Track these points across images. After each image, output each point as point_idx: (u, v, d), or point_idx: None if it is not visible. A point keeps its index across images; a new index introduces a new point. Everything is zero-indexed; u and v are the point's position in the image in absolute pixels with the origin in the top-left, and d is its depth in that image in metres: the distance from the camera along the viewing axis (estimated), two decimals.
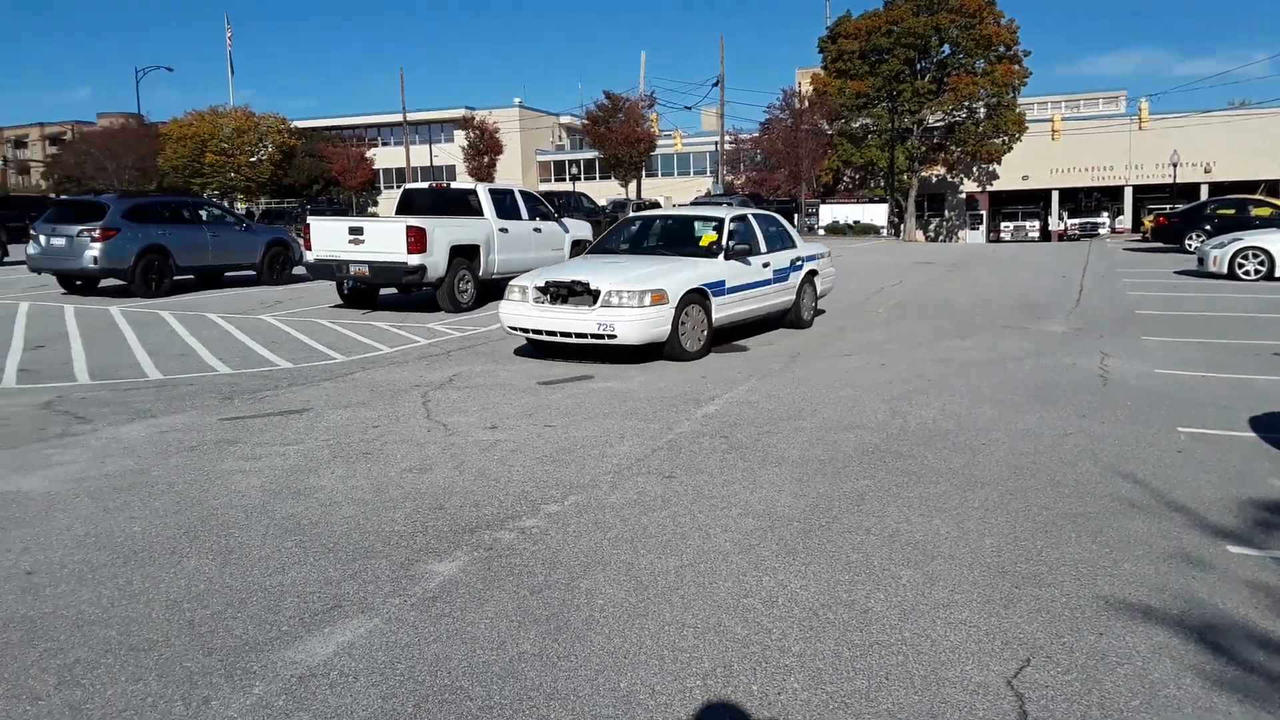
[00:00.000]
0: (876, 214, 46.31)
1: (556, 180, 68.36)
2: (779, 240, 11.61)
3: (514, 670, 3.20)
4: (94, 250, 15.23)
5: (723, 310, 10.12)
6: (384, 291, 15.00)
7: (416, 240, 13.25)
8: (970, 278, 19.77)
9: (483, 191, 15.57)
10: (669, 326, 9.31)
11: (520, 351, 10.29)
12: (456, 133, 65.14)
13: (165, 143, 56.02)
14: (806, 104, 50.83)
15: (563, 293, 9.46)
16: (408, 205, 16.12)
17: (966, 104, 48.80)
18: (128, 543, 4.48)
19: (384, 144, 71.23)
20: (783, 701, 3.00)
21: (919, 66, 50.11)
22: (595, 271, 9.72)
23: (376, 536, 4.53)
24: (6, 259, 22.93)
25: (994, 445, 6.12)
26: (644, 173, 55.21)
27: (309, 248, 14.21)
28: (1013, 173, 54.20)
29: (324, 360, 9.89)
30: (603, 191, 50.91)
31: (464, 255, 14.08)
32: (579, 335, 9.27)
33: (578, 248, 16.93)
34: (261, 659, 3.29)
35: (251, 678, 3.16)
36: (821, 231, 45.41)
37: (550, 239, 16.23)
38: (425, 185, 17.16)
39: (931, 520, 4.68)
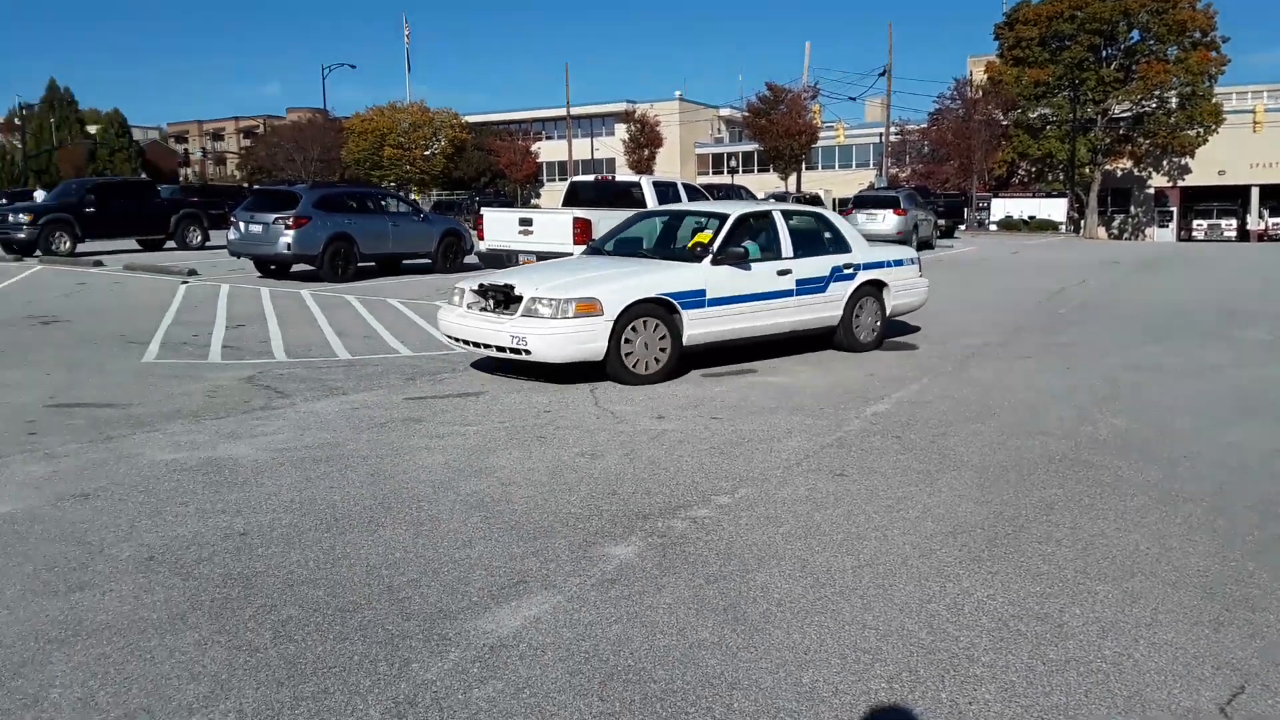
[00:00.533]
0: (1054, 209, 44.03)
1: (714, 173, 68.30)
2: (817, 244, 9.53)
3: (694, 657, 3.24)
4: (287, 237, 16.33)
5: (700, 326, 8.31)
6: None
7: (582, 231, 13.55)
8: (1162, 279, 18.52)
9: (646, 184, 15.78)
10: (603, 343, 7.77)
11: None
12: (617, 126, 66.19)
13: (347, 136, 59.44)
14: (980, 93, 48.78)
15: (498, 297, 8.22)
16: (574, 197, 16.52)
17: (1157, 93, 45.60)
18: (329, 510, 4.79)
19: (547, 138, 73.10)
20: (973, 711, 2.91)
21: (1104, 53, 47.18)
22: (535, 274, 8.66)
23: (555, 517, 4.67)
24: (208, 244, 24.88)
25: (1195, 459, 5.71)
26: (804, 165, 54.44)
27: (481, 237, 14.81)
28: (1207, 167, 50.27)
29: None
30: (762, 184, 50.48)
31: None
32: (498, 348, 7.93)
33: None
34: (455, 626, 3.46)
35: (447, 644, 3.32)
36: (994, 227, 43.55)
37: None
38: (591, 178, 17.54)
39: (1129, 535, 4.42)
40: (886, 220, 25.82)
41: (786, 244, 9.19)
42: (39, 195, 35.09)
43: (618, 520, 4.62)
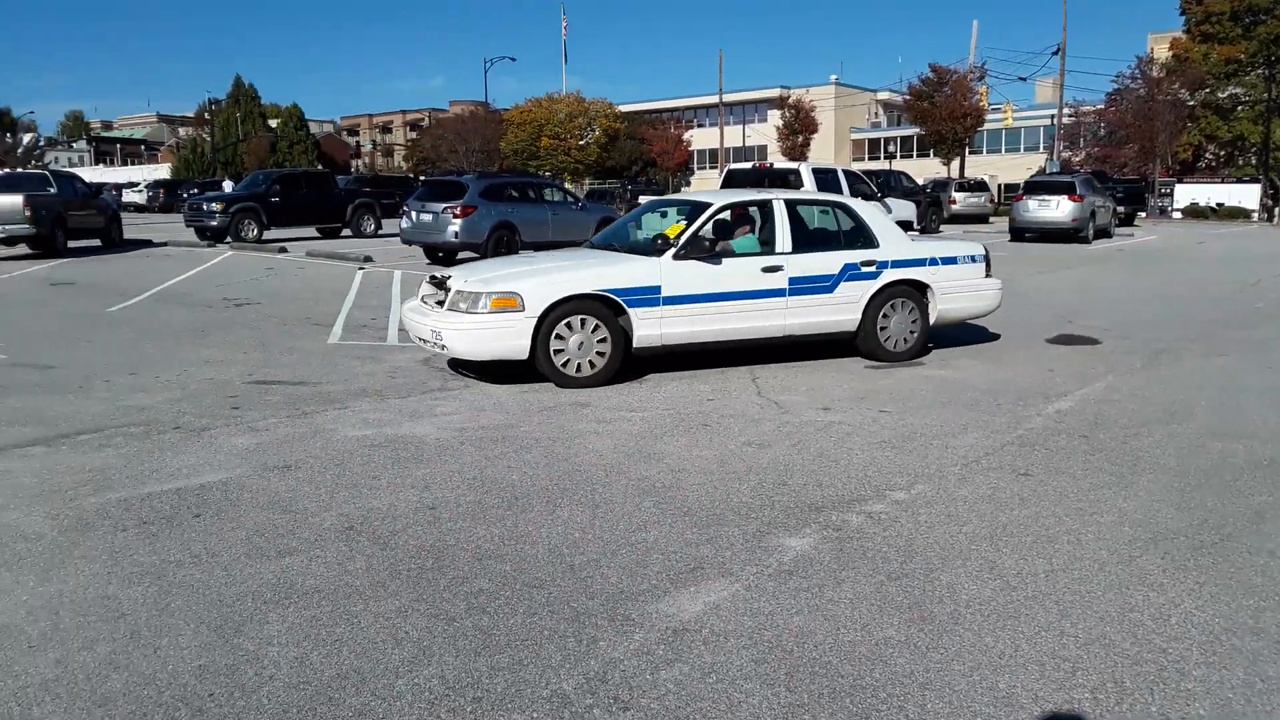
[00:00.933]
0: (1246, 195, 40.65)
1: (870, 158, 66.63)
2: (828, 238, 8.65)
3: (881, 654, 3.18)
4: (455, 225, 17.00)
5: (655, 326, 7.62)
6: None
7: None
8: None
9: (805, 171, 15.56)
10: (525, 341, 7.32)
11: None
12: (770, 112, 65.46)
13: (507, 128, 61.20)
14: (1163, 72, 45.55)
15: (441, 288, 7.91)
16: (730, 185, 16.47)
17: None
18: (509, 489, 4.97)
19: (699, 125, 73.07)
20: None
21: None
22: (481, 266, 8.39)
23: (726, 505, 4.68)
24: (380, 232, 26.17)
25: None
26: (968, 150, 52.34)
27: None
28: None
29: None
30: (922, 169, 48.84)
31: None
32: (428, 341, 7.67)
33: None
34: (638, 608, 3.52)
35: (631, 625, 3.39)
36: (1177, 215, 40.64)
37: None
38: (748, 165, 17.44)
39: None
40: (1061, 207, 24.44)
41: (783, 238, 8.15)
42: (227, 185, 37.84)
43: (790, 511, 4.58)
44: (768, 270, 8.01)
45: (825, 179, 15.48)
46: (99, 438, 6.01)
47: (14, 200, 19.66)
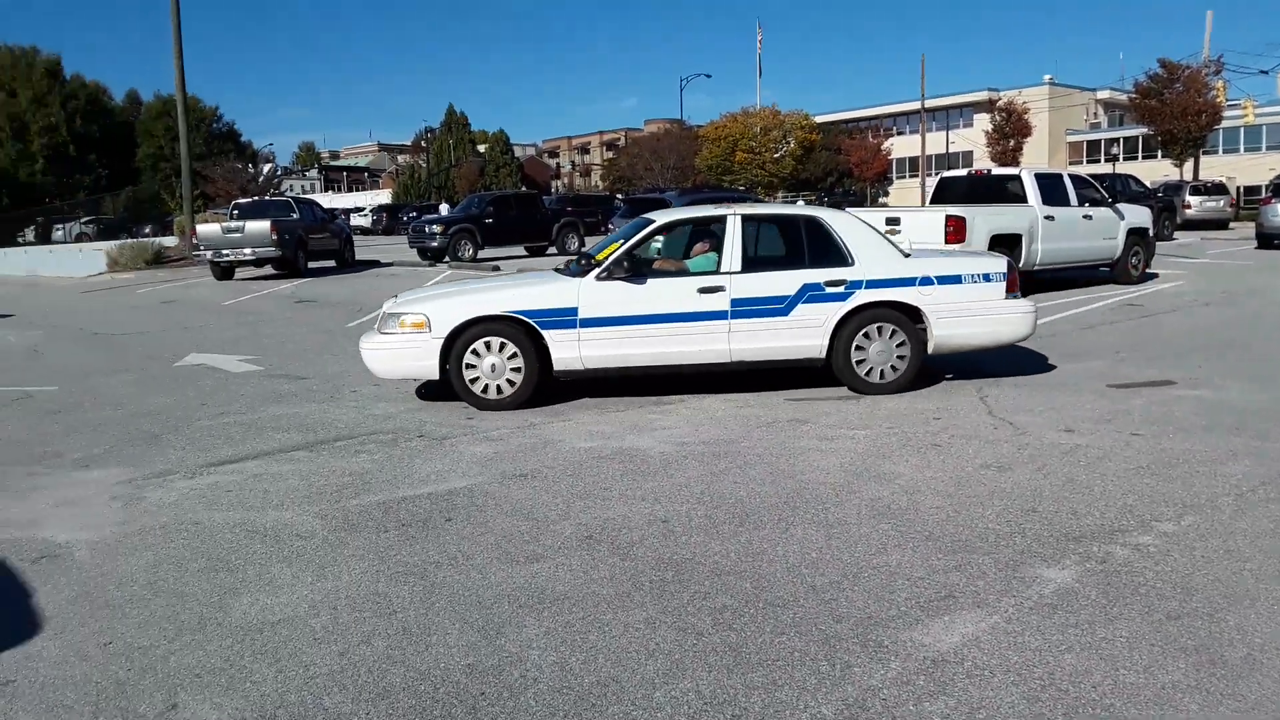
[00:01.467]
0: None
1: (1089, 161, 62.36)
2: (790, 256, 7.88)
3: (1169, 699, 2.92)
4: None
5: (573, 349, 7.43)
6: None
7: (956, 229, 12.95)
8: None
9: (1027, 176, 14.75)
10: (433, 362, 7.35)
11: (1078, 350, 9.52)
12: (976, 117, 62.72)
13: (701, 144, 61.79)
14: None
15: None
16: (943, 194, 15.86)
17: None
18: (738, 505, 4.96)
19: (899, 133, 70.96)
20: None
21: None
22: (428, 289, 8.35)
23: (971, 531, 4.47)
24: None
25: None
26: (1201, 149, 48.05)
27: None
28: None
29: None
30: (1151, 171, 45.20)
31: (1004, 245, 13.44)
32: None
33: (1133, 237, 15.28)
34: (890, 635, 3.41)
35: (885, 652, 3.28)
36: None
37: (1102, 226, 14.85)
38: (963, 172, 16.73)
39: None
40: None
41: (731, 257, 7.58)
42: (444, 209, 40.19)
43: (1044, 540, 4.31)
44: (705, 291, 7.50)
45: (1049, 184, 14.59)
46: (353, 443, 6.50)
47: (263, 225, 21.74)
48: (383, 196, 78.64)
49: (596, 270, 7.56)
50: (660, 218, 8.10)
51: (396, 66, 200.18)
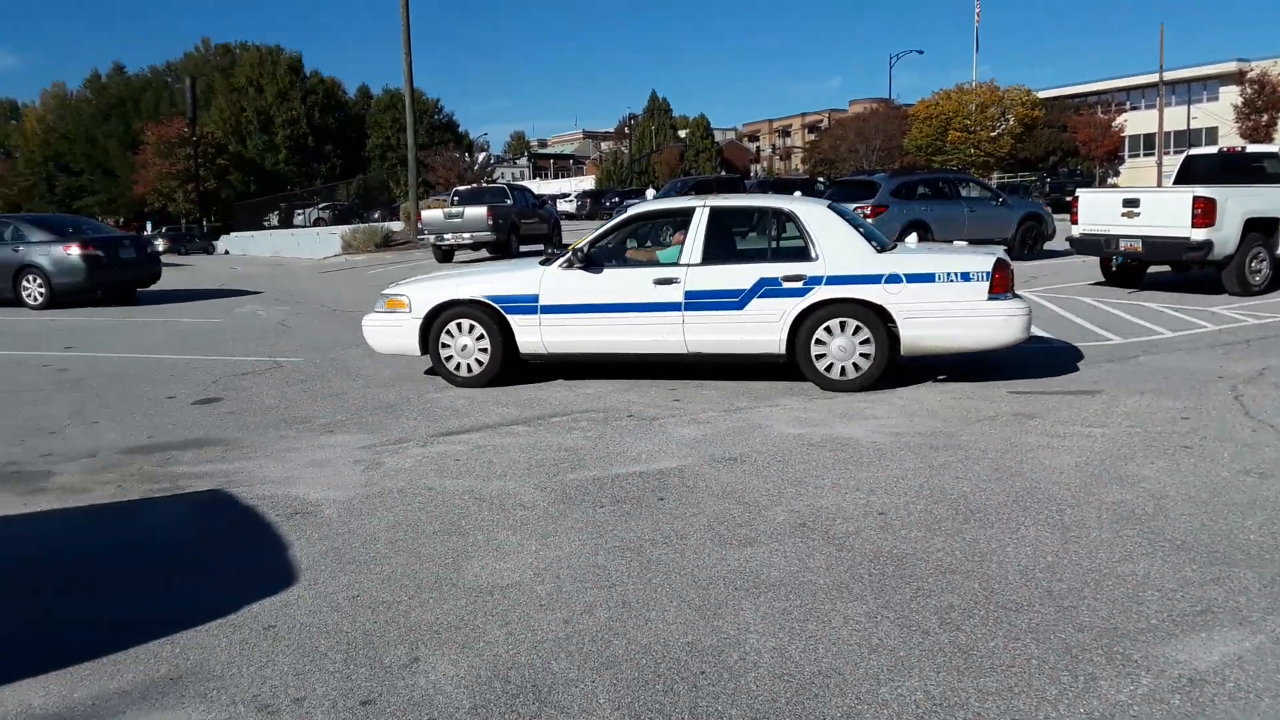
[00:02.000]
0: None
1: None
2: (753, 249, 7.88)
3: None
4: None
5: (535, 334, 7.80)
6: (1151, 269, 13.79)
7: (1204, 213, 11.82)
8: None
9: None
10: (413, 340, 8.05)
11: None
12: (1222, 90, 57.01)
13: (911, 123, 59.51)
14: None
15: None
16: (1189, 173, 14.49)
17: None
18: (961, 501, 4.73)
19: (1132, 108, 65.54)
20: None
21: None
22: (434, 273, 9.00)
23: (1229, 542, 4.06)
24: None
25: None
26: None
27: (1075, 221, 13.72)
28: None
29: (1097, 341, 9.39)
30: None
31: (1261, 230, 12.15)
32: None
33: None
34: (1139, 649, 3.15)
35: (1135, 667, 3.03)
36: None
37: None
38: (1212, 149, 15.24)
39: None
40: None
41: (692, 249, 7.60)
42: (650, 194, 40.79)
43: None
44: (661, 282, 7.55)
45: None
46: (567, 420, 6.71)
47: (480, 211, 22.86)
48: (587, 182, 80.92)
49: (559, 260, 7.93)
50: (634, 209, 8.46)
51: (601, 55, 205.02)
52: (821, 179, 48.54)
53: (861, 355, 7.35)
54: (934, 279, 7.28)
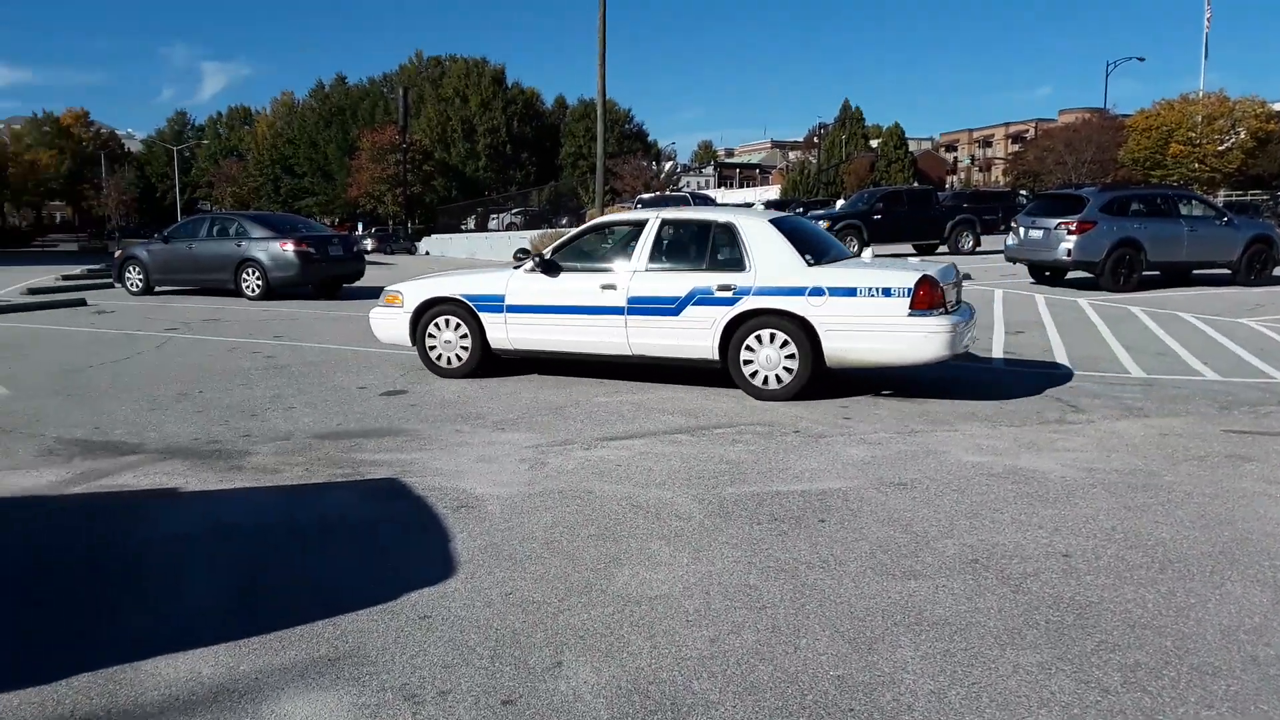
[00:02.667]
0: None
1: None
2: (692, 259, 8.15)
3: None
4: (1068, 243, 15.74)
5: (501, 331, 8.58)
6: None
7: None
8: None
9: None
10: (404, 332, 8.99)
11: None
12: None
13: (1127, 135, 55.51)
14: None
15: None
16: None
17: None
18: (1158, 548, 4.29)
19: None
20: None
21: None
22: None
23: None
24: (978, 249, 25.46)
25: None
26: None
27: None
28: None
29: None
30: None
31: None
32: None
33: None
34: None
35: None
36: None
37: None
38: None
39: None
40: None
41: (639, 257, 8.15)
42: (838, 204, 39.99)
43: None
44: (606, 288, 8.12)
45: None
46: (731, 432, 6.61)
47: None
48: (771, 192, 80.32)
49: (526, 265, 8.65)
50: (594, 220, 9.31)
51: (794, 65, 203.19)
52: (1024, 192, 46.10)
53: (786, 365, 7.61)
54: (856, 293, 7.44)
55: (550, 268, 8.42)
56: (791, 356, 7.56)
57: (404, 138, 51.68)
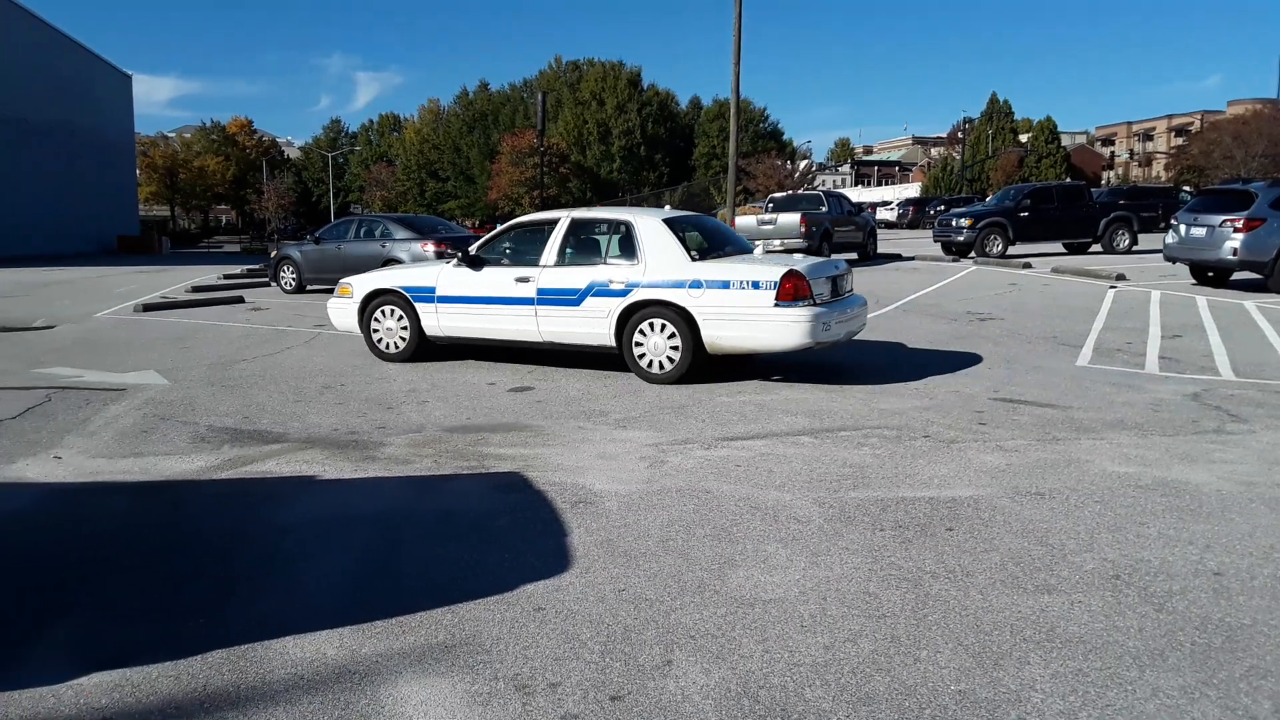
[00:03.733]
0: None
1: None
2: (594, 255, 8.99)
3: None
4: (1234, 242, 14.63)
5: (433, 319, 9.47)
6: None
7: None
8: None
9: None
10: (354, 321, 9.83)
11: None
12: None
13: None
14: None
15: None
16: None
17: None
18: None
19: None
20: None
21: None
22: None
23: None
24: (1135, 248, 24.02)
25: None
26: None
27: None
28: None
29: None
30: None
31: None
32: None
33: None
34: None
35: None
36: None
37: None
38: None
39: None
40: None
41: (548, 253, 8.94)
42: (989, 200, 38.56)
43: None
44: (519, 280, 8.91)
45: None
46: (857, 435, 6.43)
47: (793, 218, 22.78)
48: (910, 190, 78.14)
49: (453, 260, 9.41)
50: (514, 220, 9.92)
51: (937, 58, 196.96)
52: (1186, 188, 43.25)
53: (670, 352, 8.32)
54: (729, 285, 8.10)
55: (474, 262, 9.27)
56: (675, 343, 8.29)
57: (541, 141, 52.93)
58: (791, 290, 7.90)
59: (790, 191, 33.23)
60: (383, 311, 9.73)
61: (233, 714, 2.94)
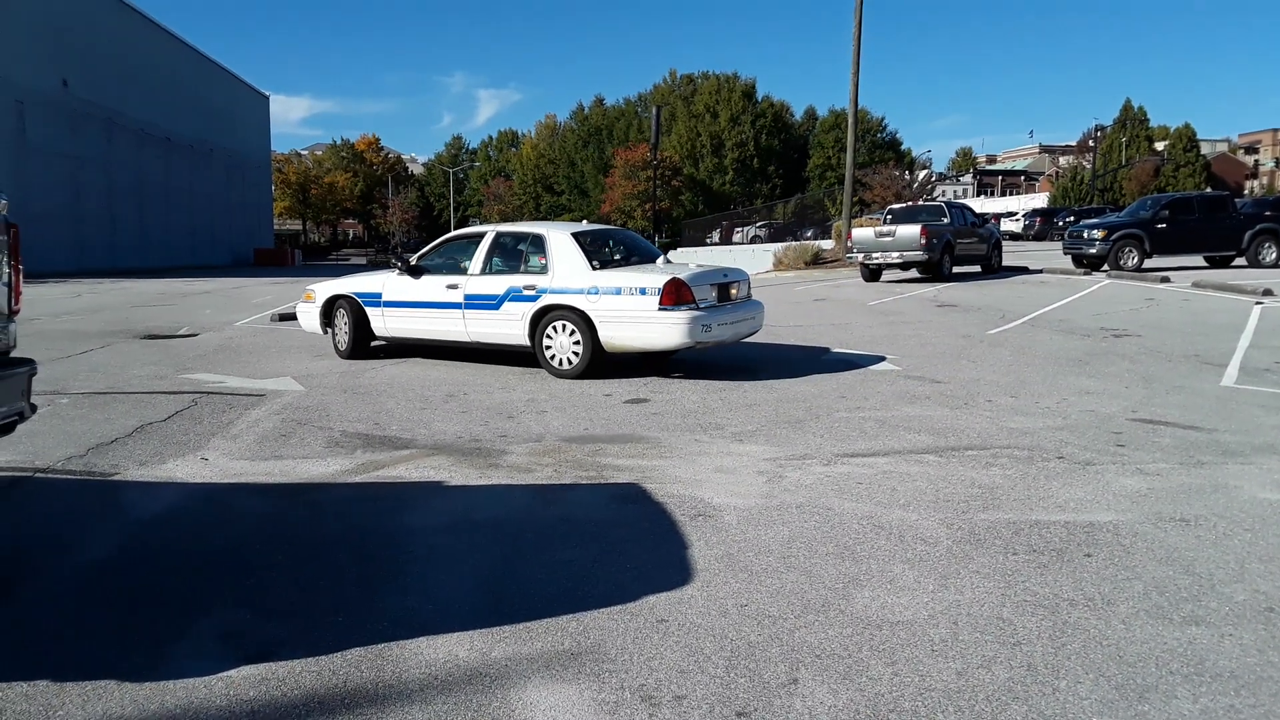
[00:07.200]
0: None
1: None
2: (514, 265, 10.05)
3: None
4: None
5: (380, 321, 10.80)
6: None
7: None
8: None
9: None
10: (316, 323, 11.40)
11: None
12: None
13: None
14: None
15: None
16: None
17: None
18: None
19: None
20: None
21: None
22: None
23: None
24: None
25: None
26: None
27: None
28: None
29: None
30: None
31: None
32: None
33: None
34: None
35: None
36: None
37: None
38: None
39: None
40: None
41: (476, 262, 10.14)
42: (1123, 212, 36.93)
43: None
44: (450, 287, 10.12)
45: None
46: (985, 455, 6.23)
47: (913, 230, 22.27)
48: (1037, 200, 75.40)
49: (397, 269, 10.69)
50: (449, 234, 11.10)
51: (1067, 64, 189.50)
52: None
53: (573, 351, 9.43)
54: (620, 292, 9.18)
55: (414, 271, 10.57)
56: (578, 343, 9.41)
57: (654, 154, 53.32)
58: (672, 296, 8.95)
59: (909, 203, 32.51)
60: (339, 314, 11.19)
61: (373, 711, 3.06)
